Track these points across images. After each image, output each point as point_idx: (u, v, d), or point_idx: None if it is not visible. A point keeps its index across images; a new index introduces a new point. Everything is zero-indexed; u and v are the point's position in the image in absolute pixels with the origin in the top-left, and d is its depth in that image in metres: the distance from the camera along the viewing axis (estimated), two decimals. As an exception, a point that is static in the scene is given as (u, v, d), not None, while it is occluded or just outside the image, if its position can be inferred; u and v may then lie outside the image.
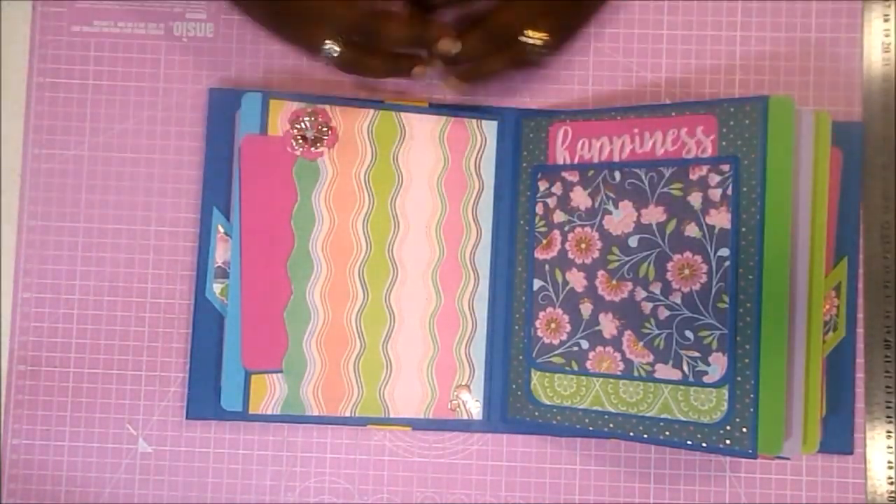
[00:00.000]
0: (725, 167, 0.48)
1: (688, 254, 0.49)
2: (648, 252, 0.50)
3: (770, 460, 0.53)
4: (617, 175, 0.52)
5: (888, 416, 0.53)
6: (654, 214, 0.50)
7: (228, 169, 0.55)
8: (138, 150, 0.56)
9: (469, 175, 0.55)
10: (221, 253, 0.55)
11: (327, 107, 0.54)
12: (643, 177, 0.51)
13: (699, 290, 0.49)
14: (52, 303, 0.56)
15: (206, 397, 0.54)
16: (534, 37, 0.50)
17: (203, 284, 0.55)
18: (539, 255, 0.54)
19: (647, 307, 0.50)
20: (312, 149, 0.54)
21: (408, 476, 0.55)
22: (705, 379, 0.48)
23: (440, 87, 0.55)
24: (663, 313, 0.50)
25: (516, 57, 0.52)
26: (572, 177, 0.53)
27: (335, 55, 0.50)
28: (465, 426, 0.54)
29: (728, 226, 0.48)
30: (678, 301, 0.49)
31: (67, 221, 0.56)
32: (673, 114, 0.50)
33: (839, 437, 0.53)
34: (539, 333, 0.53)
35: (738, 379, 0.47)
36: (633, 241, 0.51)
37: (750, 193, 0.48)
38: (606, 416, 0.50)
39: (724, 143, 0.49)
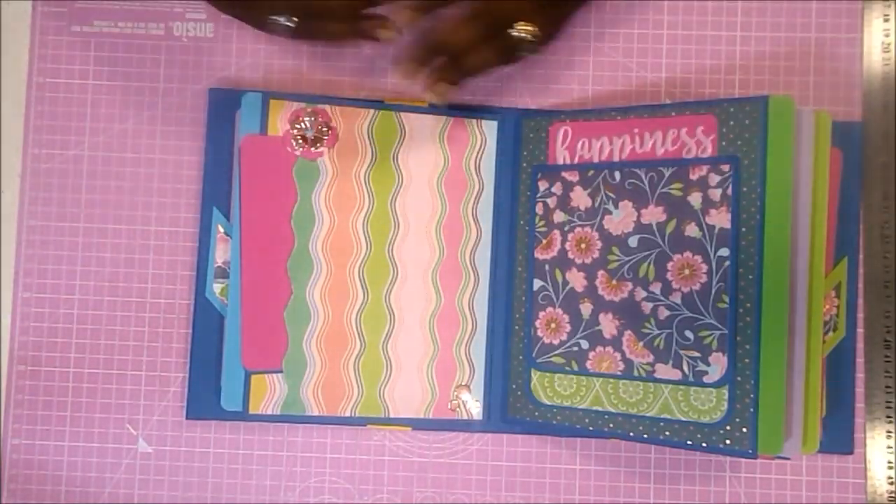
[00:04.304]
0: (725, 167, 0.48)
1: (688, 254, 0.49)
2: (648, 252, 0.50)
3: (770, 460, 0.53)
4: (617, 175, 0.52)
5: (888, 416, 0.53)
6: (654, 214, 0.50)
7: (228, 169, 0.55)
8: (138, 150, 0.56)
9: (469, 175, 0.55)
10: (221, 253, 0.55)
11: (327, 107, 0.54)
12: (643, 177, 0.51)
13: (699, 290, 0.49)
14: (52, 303, 0.56)
15: (206, 397, 0.54)
16: (524, 30, 0.50)
17: (203, 284, 0.55)
18: (539, 255, 0.54)
19: (647, 307, 0.50)
20: (312, 149, 0.54)
21: (408, 476, 0.55)
22: (705, 379, 0.48)
23: (425, 95, 0.53)
24: (663, 313, 0.50)
25: (504, 51, 0.51)
26: (572, 177, 0.53)
27: (290, 25, 0.50)
28: (465, 426, 0.54)
29: (728, 226, 0.48)
30: (678, 301, 0.49)
31: (67, 221, 0.56)
32: (673, 114, 0.50)
33: (839, 437, 0.53)
34: (539, 333, 0.53)
35: (738, 379, 0.47)
36: (633, 241, 0.51)
37: (750, 193, 0.48)
38: (606, 416, 0.50)
39: (724, 143, 0.49)
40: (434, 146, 0.55)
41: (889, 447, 0.53)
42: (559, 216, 0.53)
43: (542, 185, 0.54)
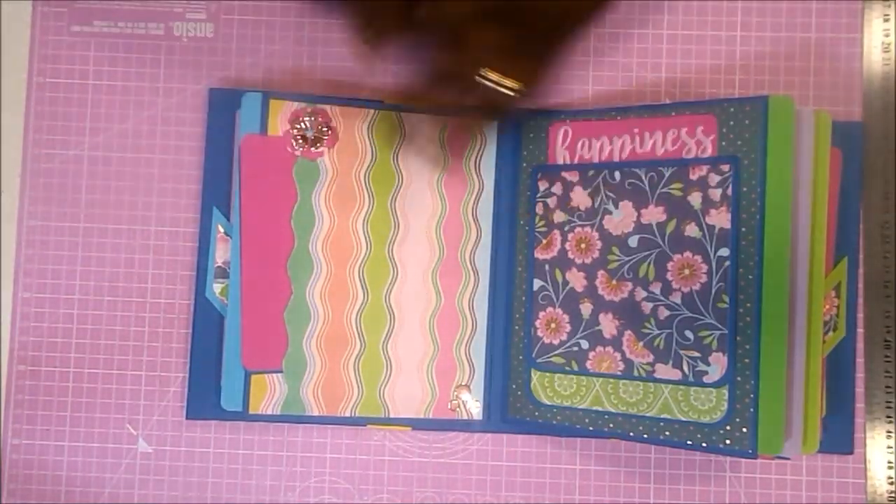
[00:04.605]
0: (725, 167, 0.48)
1: (688, 254, 0.49)
2: (648, 252, 0.50)
3: (770, 460, 0.53)
4: (617, 175, 0.52)
5: (888, 416, 0.53)
6: (654, 214, 0.50)
7: (228, 169, 0.55)
8: (138, 150, 0.56)
9: (469, 175, 0.55)
10: (221, 253, 0.55)
11: (327, 107, 0.54)
12: (643, 177, 0.51)
13: (699, 290, 0.49)
14: (52, 303, 0.56)
15: (206, 397, 0.54)
16: (493, 78, 0.45)
17: (203, 284, 0.55)
18: (539, 255, 0.54)
19: (647, 307, 0.50)
20: (312, 149, 0.54)
21: (408, 476, 0.55)
22: (705, 379, 0.48)
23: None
24: (663, 313, 0.50)
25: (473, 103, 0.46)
26: (572, 177, 0.53)
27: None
28: (465, 426, 0.54)
29: (728, 226, 0.48)
30: (678, 301, 0.49)
31: (67, 221, 0.56)
32: (673, 114, 0.50)
33: (839, 437, 0.53)
34: (539, 333, 0.53)
35: (738, 379, 0.47)
36: (633, 241, 0.51)
37: (750, 193, 0.48)
38: (606, 416, 0.50)
39: (724, 143, 0.49)
40: (434, 146, 0.55)
41: (889, 447, 0.53)
42: (559, 216, 0.53)
43: (542, 185, 0.54)
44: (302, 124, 0.54)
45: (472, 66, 0.45)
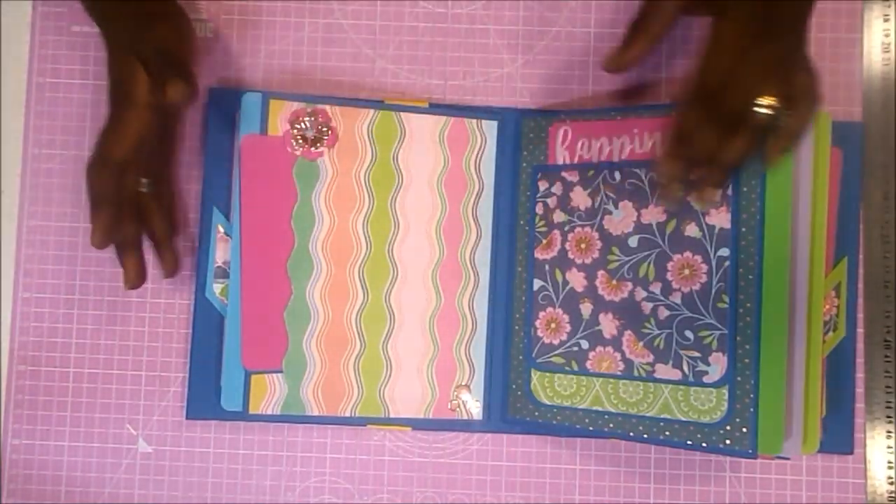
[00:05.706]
0: (725, 167, 0.48)
1: (688, 254, 0.49)
2: (648, 252, 0.50)
3: (770, 460, 0.53)
4: (617, 175, 0.52)
5: (888, 416, 0.53)
6: (654, 214, 0.50)
7: (228, 169, 0.55)
8: (138, 150, 0.56)
9: (469, 175, 0.55)
10: (221, 253, 0.55)
11: (327, 107, 0.54)
12: (643, 177, 0.51)
13: (699, 290, 0.49)
14: (52, 303, 0.56)
15: (206, 397, 0.54)
16: (766, 104, 0.44)
17: (203, 284, 0.55)
18: (539, 255, 0.54)
19: (647, 307, 0.50)
20: (312, 149, 0.54)
21: (408, 476, 0.55)
22: (705, 379, 0.48)
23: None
24: (663, 313, 0.50)
25: (755, 133, 0.45)
26: (572, 177, 0.53)
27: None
28: (465, 426, 0.54)
29: (728, 226, 0.48)
30: (678, 301, 0.49)
31: (67, 221, 0.56)
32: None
33: (839, 437, 0.53)
34: (539, 333, 0.53)
35: (738, 379, 0.47)
36: (633, 241, 0.51)
37: (750, 193, 0.48)
38: (606, 416, 0.50)
39: (724, 143, 0.49)
40: (434, 146, 0.55)
41: (889, 447, 0.53)
42: (559, 216, 0.53)
43: (542, 185, 0.54)
44: (302, 124, 0.54)
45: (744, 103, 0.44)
